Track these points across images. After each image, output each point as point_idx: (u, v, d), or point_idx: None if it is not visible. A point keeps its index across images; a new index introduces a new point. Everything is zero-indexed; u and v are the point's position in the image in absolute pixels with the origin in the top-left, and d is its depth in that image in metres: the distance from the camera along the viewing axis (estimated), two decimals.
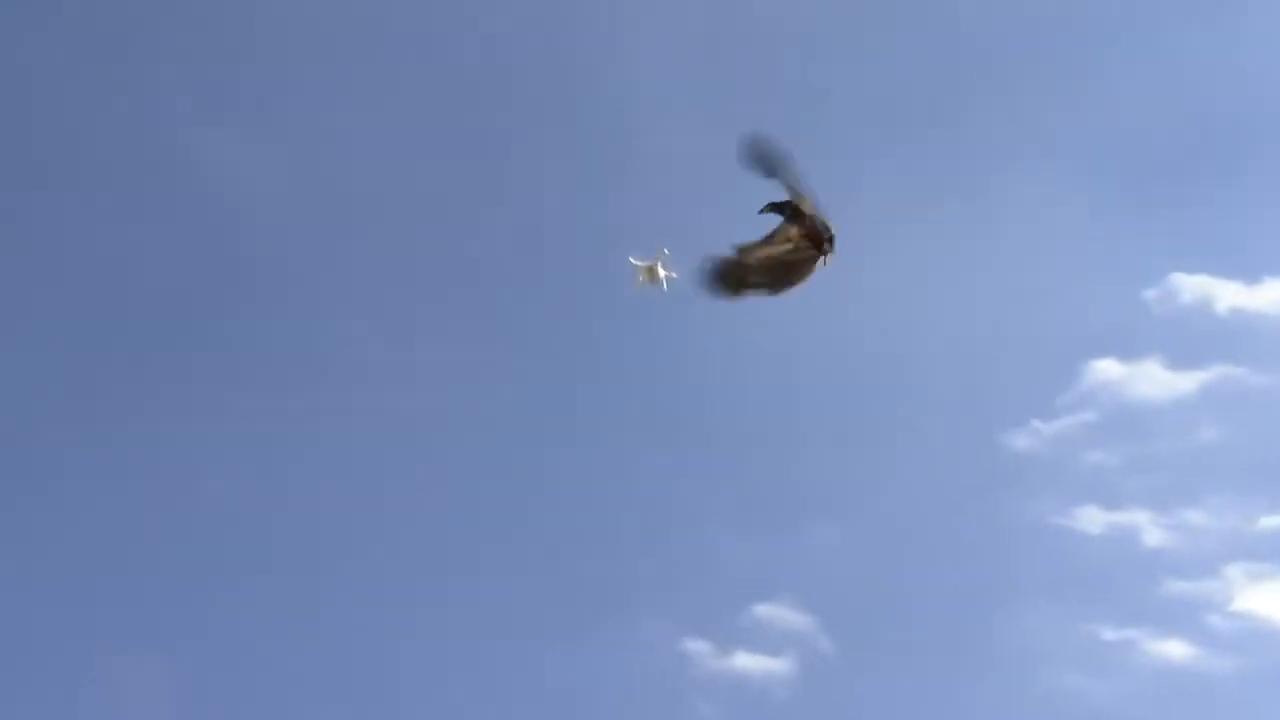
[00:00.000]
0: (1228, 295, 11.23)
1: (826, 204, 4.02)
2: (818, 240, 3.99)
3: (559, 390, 11.03)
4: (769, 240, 4.01)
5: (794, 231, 3.98)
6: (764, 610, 10.12)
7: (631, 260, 4.30)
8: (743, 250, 4.03)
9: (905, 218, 11.23)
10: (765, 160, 3.92)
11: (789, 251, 3.96)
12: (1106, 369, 11.12)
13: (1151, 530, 10.48)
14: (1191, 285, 11.26)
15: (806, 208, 3.91)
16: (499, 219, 11.36)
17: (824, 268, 4.02)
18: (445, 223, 11.41)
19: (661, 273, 4.27)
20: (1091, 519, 10.55)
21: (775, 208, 3.97)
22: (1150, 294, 11.36)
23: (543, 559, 10.35)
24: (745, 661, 9.98)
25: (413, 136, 11.54)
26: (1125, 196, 11.60)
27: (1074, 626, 10.15)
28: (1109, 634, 10.10)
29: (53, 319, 10.82)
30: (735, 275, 4.01)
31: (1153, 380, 11.04)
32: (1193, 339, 11.15)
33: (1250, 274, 11.21)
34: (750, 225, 4.04)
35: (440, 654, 9.91)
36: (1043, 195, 11.34)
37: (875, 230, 11.27)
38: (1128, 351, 11.12)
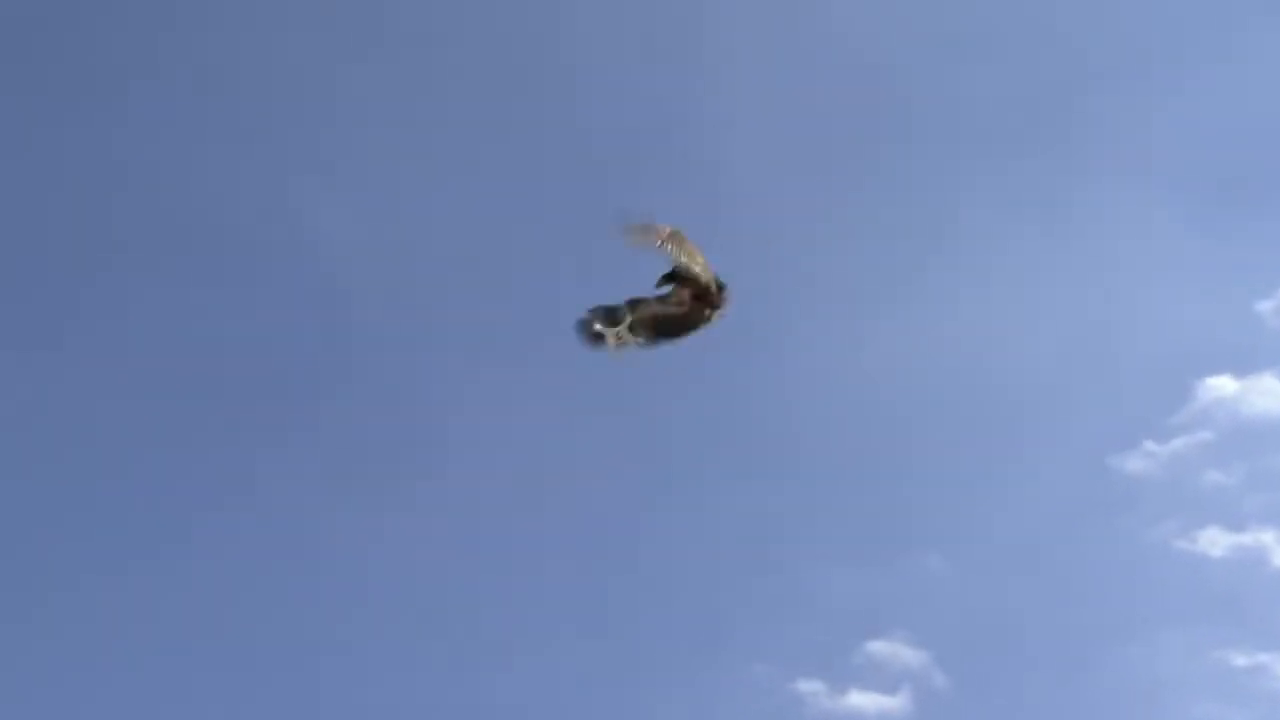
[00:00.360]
0: None
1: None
2: (708, 300, 4.27)
3: (659, 433, 11.19)
4: (664, 300, 4.28)
5: (685, 294, 4.22)
6: (876, 647, 10.10)
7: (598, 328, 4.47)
8: (634, 305, 4.32)
9: (1006, 237, 11.09)
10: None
11: (681, 312, 4.24)
12: (1221, 385, 10.83)
13: (1279, 550, 10.14)
14: None
15: (696, 272, 4.19)
16: (588, 265, 11.60)
17: (717, 322, 4.34)
18: (538, 275, 11.69)
19: (630, 337, 4.41)
20: (1214, 541, 10.28)
21: (669, 278, 4.24)
22: (1264, 306, 11.04)
23: (653, 605, 10.49)
24: (859, 700, 9.97)
25: (509, 198, 11.88)
26: (1234, 205, 11.30)
27: (1203, 653, 9.87)
28: (1240, 659, 9.82)
29: (175, 373, 11.43)
30: (611, 324, 4.28)
31: (1270, 395, 10.72)
32: None
33: None
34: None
35: (560, 700, 10.11)
36: (1148, 207, 11.12)
37: (976, 251, 11.16)
38: (1242, 366, 10.83)
